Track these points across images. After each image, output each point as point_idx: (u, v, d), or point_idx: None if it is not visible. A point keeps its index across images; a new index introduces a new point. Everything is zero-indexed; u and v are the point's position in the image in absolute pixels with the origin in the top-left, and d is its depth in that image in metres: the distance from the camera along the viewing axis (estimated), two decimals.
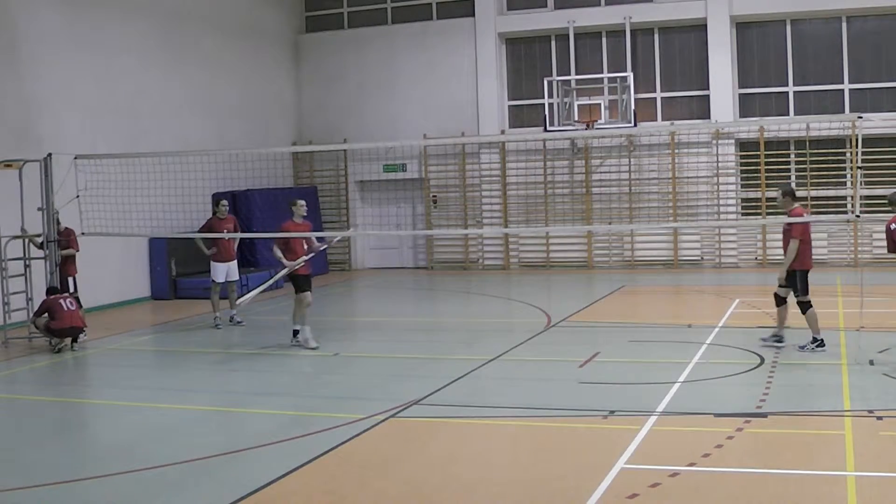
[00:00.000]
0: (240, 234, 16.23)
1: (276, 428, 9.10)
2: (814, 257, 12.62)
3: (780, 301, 12.32)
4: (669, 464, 7.43)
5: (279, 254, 13.37)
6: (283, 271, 13.43)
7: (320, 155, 25.23)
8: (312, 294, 13.51)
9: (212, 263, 15.82)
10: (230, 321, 15.76)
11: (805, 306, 11.98)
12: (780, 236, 23.33)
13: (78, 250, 15.22)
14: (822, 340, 11.92)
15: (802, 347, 11.94)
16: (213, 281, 15.86)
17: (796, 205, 12.32)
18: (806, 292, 11.96)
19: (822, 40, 22.23)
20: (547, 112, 22.29)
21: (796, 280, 12.00)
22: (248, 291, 14.87)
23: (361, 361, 12.64)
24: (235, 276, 16.07)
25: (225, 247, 15.80)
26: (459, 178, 24.47)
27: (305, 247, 13.51)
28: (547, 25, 23.70)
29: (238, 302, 15.11)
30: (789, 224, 12.00)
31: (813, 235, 23.04)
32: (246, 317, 16.35)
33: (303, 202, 13.86)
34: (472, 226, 24.30)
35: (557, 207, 23.83)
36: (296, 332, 13.41)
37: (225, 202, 16.04)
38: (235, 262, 16.04)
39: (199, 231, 16.19)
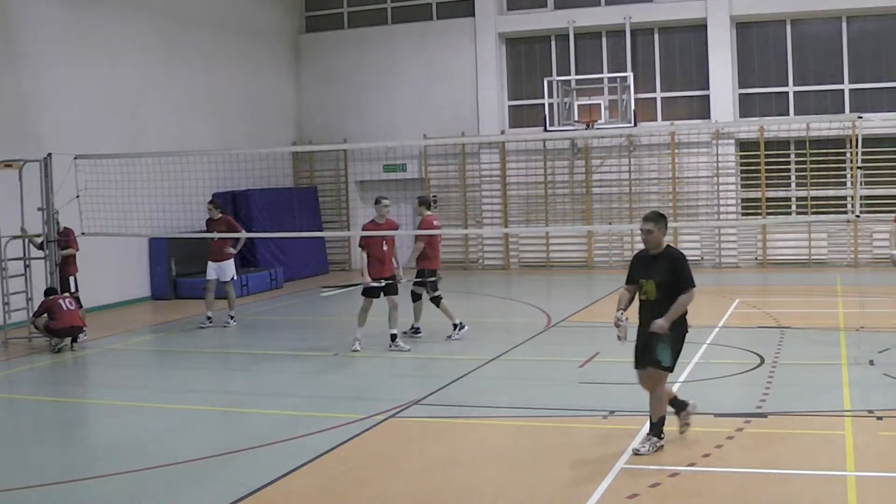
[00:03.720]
0: (234, 235, 15.94)
1: (276, 428, 9.10)
2: (814, 257, 12.72)
3: (416, 297, 13.78)
4: (669, 464, 7.43)
5: (365, 262, 12.91)
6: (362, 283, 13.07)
7: (320, 155, 25.22)
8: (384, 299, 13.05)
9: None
10: (226, 322, 15.70)
11: (437, 300, 13.57)
12: (781, 236, 23.42)
13: (78, 250, 15.22)
14: (461, 323, 13.49)
15: (450, 337, 13.46)
16: (206, 280, 15.91)
17: (428, 213, 13.84)
18: (436, 289, 13.54)
19: (822, 40, 22.22)
20: (547, 112, 22.29)
21: (425, 277, 13.55)
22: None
23: (361, 361, 12.64)
24: (226, 277, 15.82)
25: (214, 247, 15.79)
26: (459, 178, 24.47)
27: (385, 248, 13.03)
28: (547, 25, 23.70)
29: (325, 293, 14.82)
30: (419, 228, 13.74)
31: (812, 235, 23.12)
32: (246, 317, 16.34)
33: (387, 200, 13.43)
34: (472, 226, 24.29)
35: (557, 207, 23.82)
36: (394, 337, 12.94)
37: (210, 205, 15.88)
38: (229, 262, 15.83)
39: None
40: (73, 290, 14.86)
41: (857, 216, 13.60)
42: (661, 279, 7.80)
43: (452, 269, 24.35)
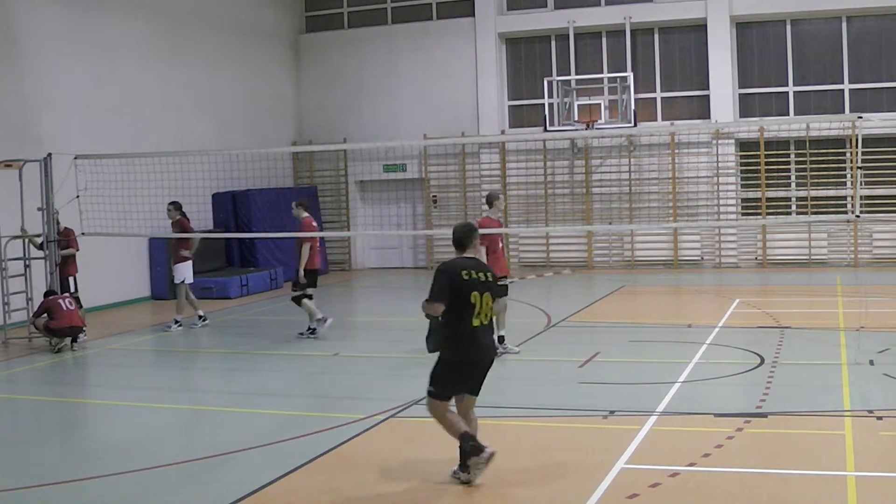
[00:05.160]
0: (187, 234, 15.69)
1: (276, 428, 9.10)
2: (814, 257, 12.72)
3: (304, 297, 14.21)
4: (669, 464, 7.43)
5: (484, 260, 11.97)
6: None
7: (320, 155, 25.22)
8: None
9: None
10: (168, 325, 15.61)
11: (298, 300, 14.13)
12: (781, 236, 23.47)
13: (78, 250, 15.22)
14: (316, 327, 14.02)
15: (301, 334, 14.13)
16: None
17: (305, 215, 14.30)
18: (304, 288, 14.08)
19: (822, 40, 22.22)
20: (547, 112, 22.28)
21: (299, 278, 14.04)
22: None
23: (361, 361, 12.64)
24: (178, 279, 15.50)
25: (171, 249, 15.72)
26: (459, 178, 24.46)
27: (501, 245, 12.68)
28: (547, 25, 23.70)
29: None
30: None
31: (812, 235, 23.15)
32: (246, 317, 16.32)
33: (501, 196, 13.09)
34: None
35: (557, 207, 23.82)
36: (501, 339, 12.26)
37: (170, 205, 15.65)
38: (185, 264, 15.50)
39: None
40: (73, 290, 14.87)
41: (857, 216, 13.58)
42: None
43: None
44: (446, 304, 7.21)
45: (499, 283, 12.06)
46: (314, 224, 14.55)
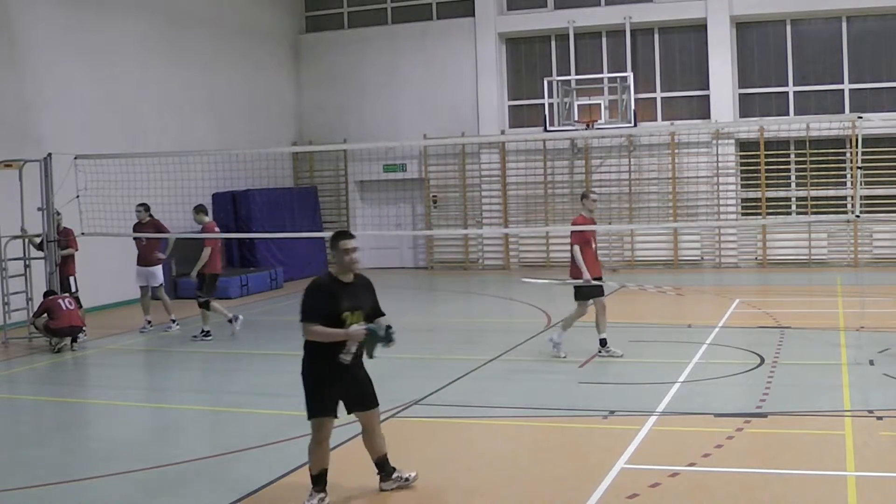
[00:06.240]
0: (161, 235, 15.69)
1: (276, 428, 9.10)
2: (814, 257, 12.76)
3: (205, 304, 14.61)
4: (669, 464, 7.43)
5: (580, 258, 11.86)
6: (579, 281, 11.94)
7: (320, 155, 25.23)
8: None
9: None
10: (168, 327, 15.60)
11: (206, 304, 14.53)
12: (781, 236, 23.43)
13: (77, 250, 15.23)
14: (208, 331, 14.41)
15: (195, 337, 14.43)
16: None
17: (207, 219, 14.90)
18: (212, 292, 14.64)
19: (822, 40, 22.22)
20: (547, 112, 22.28)
21: (205, 281, 14.51)
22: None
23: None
24: (156, 282, 15.61)
25: (142, 251, 15.62)
26: (459, 178, 24.46)
27: (594, 246, 12.31)
28: (547, 25, 23.70)
29: (526, 280, 15.34)
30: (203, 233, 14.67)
31: (812, 235, 23.17)
32: (246, 317, 16.31)
33: (595, 195, 12.46)
34: (472, 226, 24.29)
35: (557, 207, 23.81)
36: (603, 342, 12.01)
37: (140, 206, 15.51)
38: (158, 267, 15.58)
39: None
40: (73, 290, 14.87)
41: (857, 216, 13.60)
42: (368, 309, 7.20)
43: (453, 269, 24.37)
44: None
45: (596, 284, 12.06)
46: (217, 228, 14.88)
